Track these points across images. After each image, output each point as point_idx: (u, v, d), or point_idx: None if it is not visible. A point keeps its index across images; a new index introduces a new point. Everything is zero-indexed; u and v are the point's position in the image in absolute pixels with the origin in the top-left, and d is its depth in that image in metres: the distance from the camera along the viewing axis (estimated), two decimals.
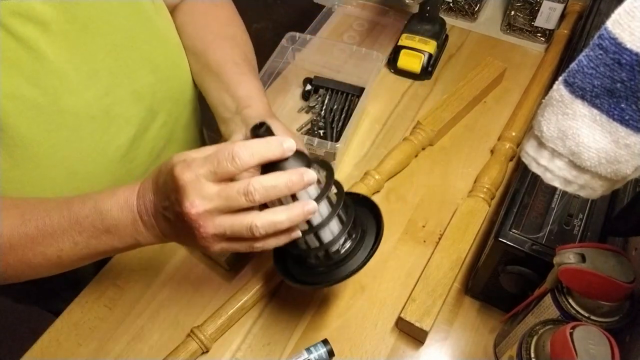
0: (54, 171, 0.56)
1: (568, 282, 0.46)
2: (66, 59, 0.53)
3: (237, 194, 0.42)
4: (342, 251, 0.50)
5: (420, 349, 0.61)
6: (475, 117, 0.84)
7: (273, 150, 0.43)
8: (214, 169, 0.42)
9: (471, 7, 0.98)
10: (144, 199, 0.47)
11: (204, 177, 0.42)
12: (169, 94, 0.66)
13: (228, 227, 0.43)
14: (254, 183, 0.42)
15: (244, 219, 0.43)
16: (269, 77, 0.81)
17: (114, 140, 0.61)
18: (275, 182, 0.42)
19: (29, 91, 0.51)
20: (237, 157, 0.41)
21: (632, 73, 0.32)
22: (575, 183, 0.39)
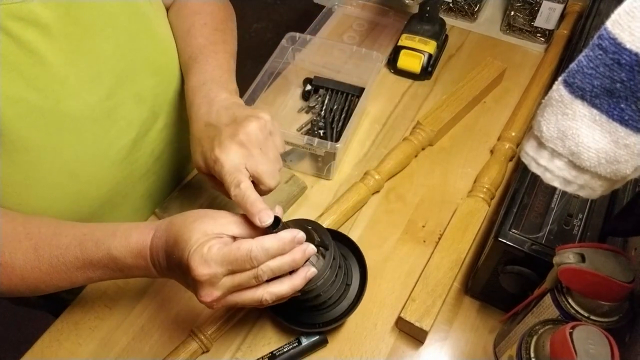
0: (56, 175, 0.57)
1: (568, 282, 0.46)
2: (67, 62, 0.53)
3: (248, 279, 0.46)
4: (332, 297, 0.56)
5: (420, 349, 0.61)
6: (475, 117, 0.84)
7: (287, 249, 0.47)
8: (232, 268, 0.46)
9: (471, 7, 0.98)
10: (157, 256, 0.50)
11: (221, 275, 0.46)
12: (169, 97, 0.67)
13: (239, 301, 0.48)
14: (263, 268, 0.46)
15: (254, 294, 0.48)
16: (269, 77, 0.81)
17: (116, 142, 0.61)
18: (281, 263, 0.47)
19: (30, 95, 0.51)
20: (255, 259, 0.45)
21: (631, 73, 0.32)
22: (575, 183, 0.39)
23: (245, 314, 0.63)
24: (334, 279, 0.54)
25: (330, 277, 0.53)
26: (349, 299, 0.59)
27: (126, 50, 0.59)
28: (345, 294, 0.58)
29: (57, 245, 0.51)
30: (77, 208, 0.61)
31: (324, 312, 0.58)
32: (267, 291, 0.48)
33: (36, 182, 0.55)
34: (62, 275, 0.51)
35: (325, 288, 0.54)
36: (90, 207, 0.62)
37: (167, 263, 0.49)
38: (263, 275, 0.46)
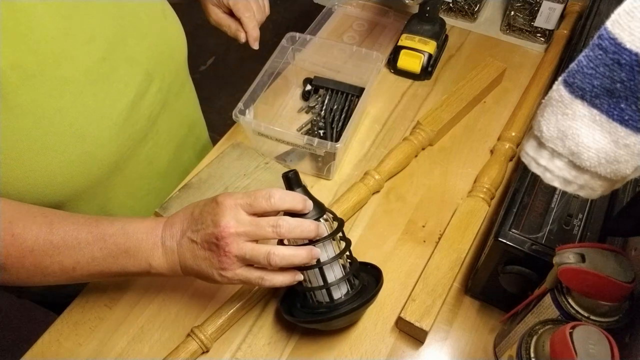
0: (63, 137, 0.57)
1: (568, 282, 0.46)
2: (63, 26, 0.55)
3: (266, 223, 0.50)
4: (342, 296, 0.56)
5: (420, 349, 0.61)
6: (475, 117, 0.84)
7: (298, 203, 0.52)
8: (251, 202, 0.50)
9: (471, 7, 0.98)
10: (171, 227, 0.54)
11: (241, 206, 0.51)
12: (161, 59, 0.69)
13: (249, 251, 0.50)
14: (282, 218, 0.50)
15: (263, 246, 0.51)
16: (269, 77, 0.81)
17: (116, 104, 0.63)
18: (299, 223, 0.51)
19: (31, 59, 0.53)
20: (272, 197, 0.50)
21: (631, 73, 0.32)
22: (575, 183, 0.39)
23: (245, 314, 0.63)
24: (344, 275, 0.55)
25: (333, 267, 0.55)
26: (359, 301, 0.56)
27: (115, 18, 0.61)
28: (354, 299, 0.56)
29: (73, 221, 0.53)
30: (87, 170, 0.62)
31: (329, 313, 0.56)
32: (277, 247, 0.51)
33: (44, 146, 0.56)
34: (70, 251, 0.52)
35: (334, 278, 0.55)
36: (99, 169, 0.63)
37: (183, 227, 0.53)
38: (282, 226, 0.50)
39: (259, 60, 0.85)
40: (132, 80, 0.64)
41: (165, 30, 0.70)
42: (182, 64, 0.76)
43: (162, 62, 0.70)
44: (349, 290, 0.56)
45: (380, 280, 0.58)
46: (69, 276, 0.54)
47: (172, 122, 0.77)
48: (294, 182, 0.54)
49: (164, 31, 0.70)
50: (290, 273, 0.53)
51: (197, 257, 0.52)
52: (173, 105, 0.75)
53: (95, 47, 0.59)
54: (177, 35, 0.73)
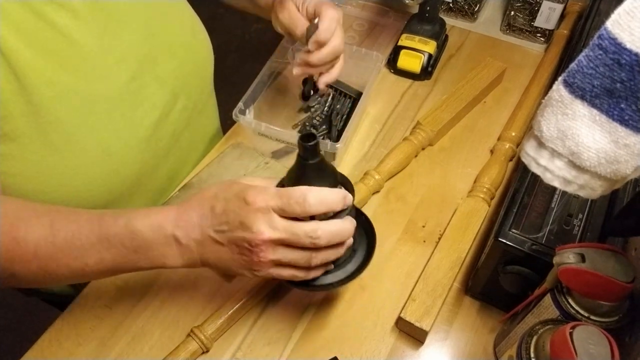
0: (91, 153, 0.58)
1: (568, 282, 0.46)
2: (97, 45, 0.56)
3: (304, 235, 0.45)
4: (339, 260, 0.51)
5: (420, 349, 0.61)
6: (475, 117, 0.84)
7: (338, 204, 0.46)
8: (284, 205, 0.44)
9: (471, 7, 0.98)
10: (186, 224, 0.48)
11: (273, 209, 0.45)
12: (188, 79, 0.69)
13: (288, 255, 0.46)
14: (322, 228, 0.45)
15: (304, 252, 0.46)
16: (269, 77, 0.81)
17: (142, 122, 0.63)
18: (338, 229, 0.46)
19: (66, 77, 0.53)
20: (307, 202, 0.44)
21: (631, 73, 0.32)
22: (575, 183, 0.39)
23: (245, 313, 0.63)
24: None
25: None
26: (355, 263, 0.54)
27: (146, 37, 0.61)
28: (350, 259, 0.53)
29: (75, 220, 0.49)
30: (111, 187, 0.62)
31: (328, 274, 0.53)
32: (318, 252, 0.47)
33: (73, 162, 0.56)
34: (75, 253, 0.48)
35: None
36: (122, 185, 0.64)
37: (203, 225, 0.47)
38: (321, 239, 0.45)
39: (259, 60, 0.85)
40: (159, 100, 0.65)
41: (193, 49, 0.70)
42: (207, 81, 0.77)
43: (188, 81, 0.70)
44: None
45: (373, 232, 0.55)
46: (82, 277, 0.51)
47: (195, 137, 0.78)
48: (312, 153, 0.46)
49: (192, 50, 0.70)
50: (323, 267, 0.50)
51: (223, 258, 0.48)
52: (196, 121, 0.76)
53: (126, 66, 0.59)
54: (205, 54, 0.73)
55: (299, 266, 0.47)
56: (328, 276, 0.52)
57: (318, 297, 0.65)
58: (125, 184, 0.64)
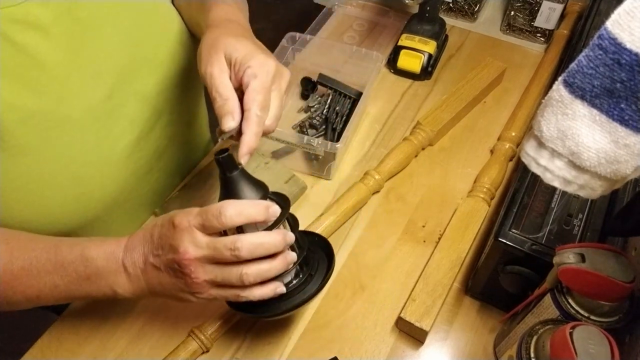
0: (59, 177, 0.56)
1: (568, 282, 0.46)
2: (68, 62, 0.53)
3: (223, 247, 0.44)
4: (295, 282, 0.51)
5: (420, 349, 0.61)
6: (475, 117, 0.84)
7: (258, 215, 0.45)
8: (204, 221, 0.45)
9: (471, 7, 0.98)
10: (132, 252, 0.49)
11: (195, 227, 0.45)
12: (173, 93, 0.66)
13: (219, 274, 0.46)
14: (241, 240, 0.44)
15: (234, 268, 0.46)
16: None
17: (118, 142, 0.61)
18: (259, 241, 0.45)
19: (30, 99, 0.51)
20: (223, 215, 0.44)
21: (631, 73, 0.32)
22: (575, 183, 0.39)
23: None
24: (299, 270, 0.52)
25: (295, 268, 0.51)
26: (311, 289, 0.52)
27: (127, 47, 0.58)
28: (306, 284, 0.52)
29: (33, 248, 0.50)
30: (82, 210, 0.61)
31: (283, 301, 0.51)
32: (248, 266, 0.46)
33: (40, 186, 0.55)
34: (32, 281, 0.49)
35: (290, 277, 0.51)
36: (95, 209, 0.62)
37: (145, 252, 0.48)
38: (241, 250, 0.44)
39: None
40: (138, 117, 0.62)
41: (179, 60, 0.65)
42: (197, 93, 0.72)
43: (173, 95, 0.66)
44: (300, 274, 0.52)
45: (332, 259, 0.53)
46: (35, 303, 0.52)
47: (183, 151, 0.74)
48: (228, 166, 0.47)
49: (178, 60, 0.65)
50: (269, 286, 0.48)
51: (164, 283, 0.48)
52: (184, 135, 0.72)
53: (102, 82, 0.56)
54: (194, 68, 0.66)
55: (235, 285, 0.46)
56: (286, 301, 0.51)
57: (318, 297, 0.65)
58: (99, 207, 0.62)
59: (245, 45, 0.50)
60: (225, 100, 0.48)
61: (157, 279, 0.48)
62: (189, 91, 0.70)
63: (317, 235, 0.58)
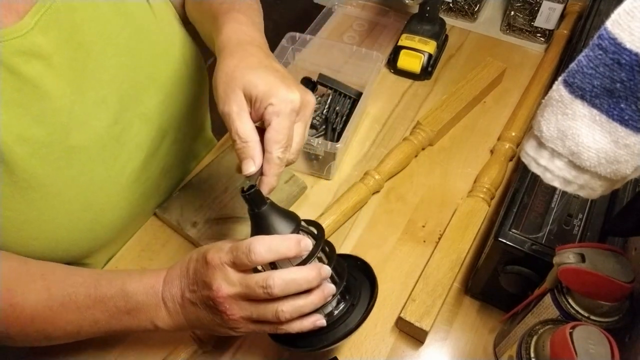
0: (69, 206, 0.55)
1: (568, 282, 0.46)
2: (72, 92, 0.52)
3: (255, 285, 0.44)
4: (336, 313, 0.49)
5: (420, 349, 0.61)
6: (475, 117, 0.84)
7: (289, 250, 0.44)
8: (234, 259, 0.44)
9: (471, 7, 0.98)
10: (171, 286, 0.49)
11: (226, 264, 0.44)
12: (177, 112, 0.65)
13: (254, 311, 0.45)
14: (273, 277, 0.43)
15: (269, 305, 0.45)
16: None
17: (127, 166, 0.60)
18: (292, 277, 0.44)
19: (37, 131, 0.50)
20: (252, 252, 0.43)
21: (631, 73, 0.32)
22: (575, 183, 0.39)
23: None
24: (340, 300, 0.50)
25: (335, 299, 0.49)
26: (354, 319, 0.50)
27: (128, 70, 0.57)
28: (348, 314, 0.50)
29: (71, 284, 0.50)
30: (93, 236, 0.61)
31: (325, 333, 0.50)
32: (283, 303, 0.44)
33: (51, 217, 0.54)
34: (71, 316, 0.49)
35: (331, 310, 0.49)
36: (105, 234, 0.62)
37: (182, 287, 0.48)
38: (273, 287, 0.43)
39: None
40: (143, 140, 0.61)
41: (183, 79, 0.64)
42: (202, 110, 0.71)
43: (178, 114, 0.65)
44: (341, 303, 0.50)
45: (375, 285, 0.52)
46: (75, 338, 0.52)
47: (187, 160, 0.74)
48: (256, 202, 0.45)
49: (182, 79, 0.64)
50: (309, 319, 0.46)
51: (202, 318, 0.48)
52: (191, 149, 0.72)
53: (106, 108, 0.56)
54: (198, 81, 0.67)
55: (270, 320, 0.45)
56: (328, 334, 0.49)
57: None
58: (110, 230, 0.62)
59: (264, 79, 0.46)
60: (245, 143, 0.46)
61: (195, 314, 0.48)
62: (193, 108, 0.69)
63: (359, 259, 0.56)
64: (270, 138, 0.46)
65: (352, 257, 0.56)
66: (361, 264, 0.55)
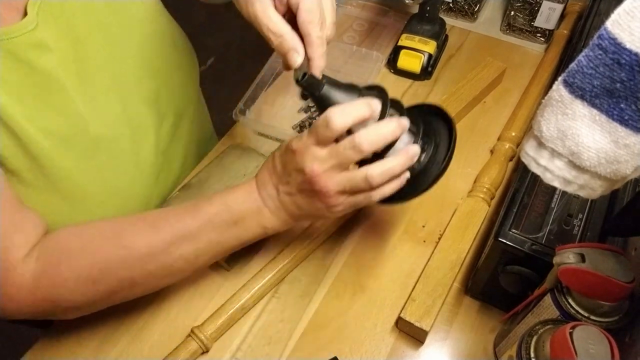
0: (99, 196, 0.57)
1: (568, 282, 0.46)
2: (80, 82, 0.53)
3: (344, 149, 0.46)
4: (421, 161, 0.51)
5: (420, 349, 0.61)
6: (475, 117, 0.84)
7: (363, 111, 0.46)
8: (317, 137, 0.47)
9: (471, 7, 0.98)
10: (265, 187, 0.52)
11: (311, 145, 0.47)
12: (172, 94, 0.67)
13: (347, 182, 0.48)
14: (359, 135, 0.46)
15: (359, 172, 0.47)
16: (269, 77, 0.81)
17: (141, 151, 0.62)
18: (375, 131, 0.46)
19: (60, 124, 0.51)
20: (331, 122, 0.45)
21: (631, 73, 0.32)
22: (575, 183, 0.39)
23: (245, 314, 0.63)
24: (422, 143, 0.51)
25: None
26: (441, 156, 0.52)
27: (123, 58, 0.58)
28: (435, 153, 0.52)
29: (173, 215, 0.52)
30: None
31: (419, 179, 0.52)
32: (372, 167, 0.47)
33: (83, 206, 0.56)
34: (185, 243, 0.51)
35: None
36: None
37: (276, 184, 0.51)
38: (362, 144, 0.45)
39: (259, 60, 0.85)
40: (149, 125, 0.63)
41: (175, 63, 0.67)
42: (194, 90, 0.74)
43: (173, 97, 0.67)
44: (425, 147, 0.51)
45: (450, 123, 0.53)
46: (195, 266, 0.53)
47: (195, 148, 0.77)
48: (314, 86, 0.47)
49: (174, 64, 0.67)
50: (396, 181, 0.49)
51: (302, 206, 0.51)
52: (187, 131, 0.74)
53: (112, 96, 0.57)
54: (188, 64, 0.70)
55: (363, 189, 0.48)
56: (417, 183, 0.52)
57: (318, 296, 0.65)
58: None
59: None
60: (281, 37, 0.47)
61: (295, 205, 0.51)
62: (187, 90, 0.71)
63: (424, 105, 0.57)
64: (303, 20, 0.47)
65: (418, 106, 0.57)
66: (427, 108, 0.56)
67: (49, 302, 0.49)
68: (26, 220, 0.49)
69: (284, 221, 0.53)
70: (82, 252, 0.49)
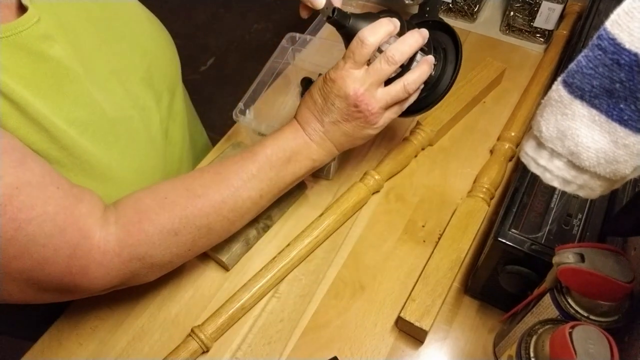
0: (127, 179, 0.59)
1: (567, 282, 0.46)
2: (85, 70, 0.54)
3: (380, 64, 0.53)
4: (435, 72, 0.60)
5: (420, 349, 0.61)
6: (474, 118, 0.84)
7: (387, 26, 0.53)
8: (354, 58, 0.53)
9: (470, 7, 0.99)
10: (308, 123, 0.57)
11: (350, 69, 0.53)
12: (162, 73, 0.68)
13: (387, 95, 0.55)
14: (390, 49, 0.53)
15: (397, 83, 0.55)
16: (269, 77, 0.81)
17: (151, 131, 0.64)
18: (402, 41, 0.53)
19: (80, 112, 0.53)
20: (364, 40, 0.52)
21: (631, 73, 0.32)
22: (574, 183, 0.39)
23: (245, 313, 0.64)
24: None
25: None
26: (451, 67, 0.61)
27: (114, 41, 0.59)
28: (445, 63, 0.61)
29: (234, 163, 0.56)
30: None
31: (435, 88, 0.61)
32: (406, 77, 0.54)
33: (114, 190, 0.57)
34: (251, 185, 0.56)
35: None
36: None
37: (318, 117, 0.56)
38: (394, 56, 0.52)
39: (259, 60, 0.85)
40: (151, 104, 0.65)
41: (158, 39, 0.69)
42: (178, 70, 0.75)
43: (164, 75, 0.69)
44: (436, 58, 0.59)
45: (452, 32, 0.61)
46: (259, 206, 0.58)
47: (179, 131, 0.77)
48: (343, 19, 0.54)
49: (158, 40, 0.68)
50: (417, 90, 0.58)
51: (346, 131, 0.56)
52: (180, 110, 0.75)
53: (115, 81, 0.59)
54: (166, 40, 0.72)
55: (401, 99, 0.55)
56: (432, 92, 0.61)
57: (318, 296, 0.65)
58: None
59: None
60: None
61: (340, 132, 0.57)
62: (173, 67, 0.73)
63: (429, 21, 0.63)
64: None
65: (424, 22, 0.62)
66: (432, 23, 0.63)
67: (136, 260, 0.52)
68: (84, 192, 0.51)
69: (329, 151, 0.59)
70: (160, 207, 0.52)
